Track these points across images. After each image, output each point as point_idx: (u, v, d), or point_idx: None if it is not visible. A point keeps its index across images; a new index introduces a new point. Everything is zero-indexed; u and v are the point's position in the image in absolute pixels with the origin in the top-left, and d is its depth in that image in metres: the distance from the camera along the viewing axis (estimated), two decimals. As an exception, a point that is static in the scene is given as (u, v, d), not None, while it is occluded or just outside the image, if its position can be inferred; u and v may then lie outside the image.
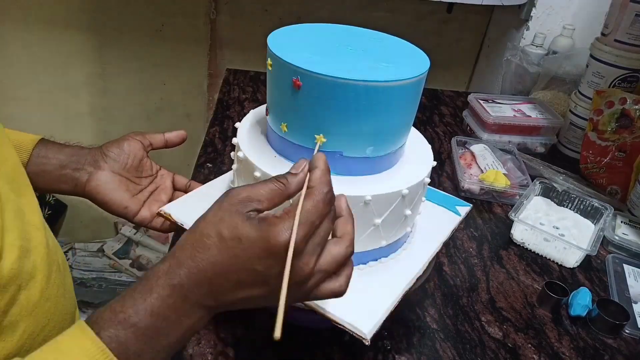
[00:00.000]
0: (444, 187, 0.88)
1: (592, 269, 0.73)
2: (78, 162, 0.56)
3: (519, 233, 0.76)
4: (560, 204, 0.83)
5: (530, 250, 0.75)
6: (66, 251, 1.68)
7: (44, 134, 0.58)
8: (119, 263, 1.66)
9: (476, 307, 0.63)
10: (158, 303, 0.35)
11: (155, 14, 1.42)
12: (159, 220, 0.58)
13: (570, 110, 1.02)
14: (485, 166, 0.88)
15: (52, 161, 0.55)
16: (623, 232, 0.79)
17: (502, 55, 1.29)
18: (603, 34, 0.94)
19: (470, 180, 0.85)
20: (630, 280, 0.71)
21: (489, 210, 0.84)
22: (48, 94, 1.52)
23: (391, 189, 0.46)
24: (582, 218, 0.81)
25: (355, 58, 0.46)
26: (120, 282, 1.62)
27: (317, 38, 0.49)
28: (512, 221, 0.75)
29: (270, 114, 0.49)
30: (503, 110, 1.03)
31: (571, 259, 0.72)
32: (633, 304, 0.67)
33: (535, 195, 0.84)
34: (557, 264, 0.73)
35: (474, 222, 0.80)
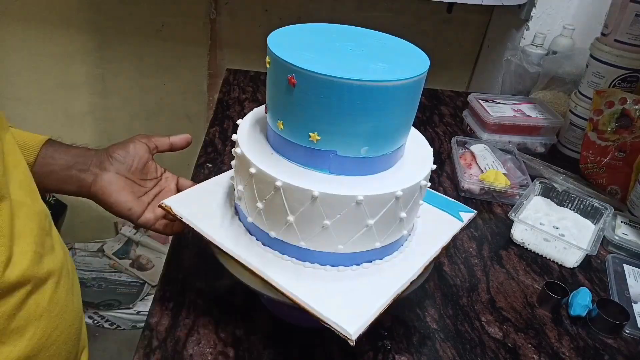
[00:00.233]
0: (444, 187, 0.88)
1: (592, 269, 0.73)
2: (84, 164, 0.56)
3: (519, 233, 0.76)
4: (560, 204, 0.83)
5: (530, 250, 0.75)
6: (66, 251, 1.68)
7: (44, 134, 0.58)
8: (119, 263, 1.66)
9: (476, 307, 0.63)
10: None
11: (155, 14, 1.42)
12: (162, 223, 0.58)
13: (570, 110, 1.02)
14: (485, 166, 0.88)
15: (59, 162, 0.55)
16: (623, 232, 0.79)
17: (502, 55, 1.29)
18: (603, 34, 0.94)
19: (470, 180, 0.85)
20: (630, 280, 0.71)
21: (489, 210, 0.84)
22: (48, 94, 1.52)
23: (384, 190, 0.46)
24: (582, 218, 0.81)
25: (354, 58, 0.46)
26: (120, 282, 1.62)
27: (317, 37, 0.49)
28: (512, 221, 0.75)
29: (268, 111, 0.50)
30: (503, 110, 1.03)
31: (571, 259, 0.72)
32: (633, 304, 0.67)
33: (535, 195, 0.84)
34: (557, 264, 0.73)
35: (474, 222, 0.80)
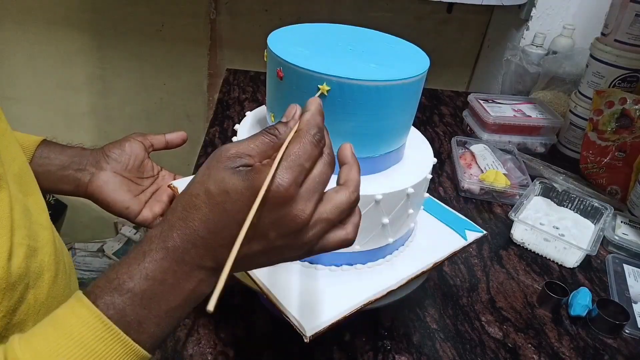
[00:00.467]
0: (444, 187, 0.88)
1: (592, 269, 0.73)
2: (80, 163, 0.56)
3: (519, 233, 0.76)
4: (560, 204, 0.83)
5: (530, 250, 0.75)
6: (66, 251, 1.68)
7: (44, 134, 0.58)
8: (119, 263, 1.65)
9: (476, 307, 0.63)
10: (152, 266, 0.33)
11: (155, 14, 1.42)
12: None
13: (570, 110, 1.02)
14: (485, 166, 0.88)
15: (55, 162, 0.55)
16: (623, 232, 0.79)
17: (502, 55, 1.29)
18: (603, 34, 0.94)
19: (470, 180, 0.85)
20: (630, 280, 0.71)
21: (489, 210, 0.84)
22: (48, 94, 1.52)
23: (395, 188, 0.46)
24: (582, 218, 0.81)
25: (352, 57, 0.46)
26: (121, 282, 1.62)
27: (318, 36, 0.50)
28: (512, 221, 0.75)
29: (266, 104, 0.52)
30: (503, 110, 1.03)
31: (571, 259, 0.72)
32: (633, 304, 0.67)
33: (535, 195, 0.84)
34: (557, 264, 0.73)
35: (474, 222, 0.80)
